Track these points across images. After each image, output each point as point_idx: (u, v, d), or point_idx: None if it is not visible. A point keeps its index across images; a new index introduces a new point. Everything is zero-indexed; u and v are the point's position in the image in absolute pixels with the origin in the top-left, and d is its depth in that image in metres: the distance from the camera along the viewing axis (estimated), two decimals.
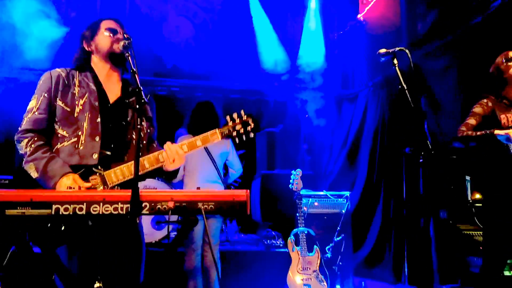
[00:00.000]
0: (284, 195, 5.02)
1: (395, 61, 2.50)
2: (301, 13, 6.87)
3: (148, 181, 4.67)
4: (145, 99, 1.90)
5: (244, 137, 2.20)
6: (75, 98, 2.13)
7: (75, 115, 2.10)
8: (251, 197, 5.70)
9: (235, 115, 2.21)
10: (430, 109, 4.63)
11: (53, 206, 1.67)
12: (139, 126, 1.83)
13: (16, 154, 2.18)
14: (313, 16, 6.77)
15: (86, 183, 1.98)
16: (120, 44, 2.12)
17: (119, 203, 1.71)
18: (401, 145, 4.80)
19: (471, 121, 3.07)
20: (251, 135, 2.21)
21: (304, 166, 6.66)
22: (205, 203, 1.76)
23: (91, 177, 2.00)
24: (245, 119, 2.21)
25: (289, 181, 4.15)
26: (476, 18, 4.21)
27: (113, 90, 2.25)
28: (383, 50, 2.54)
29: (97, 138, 2.09)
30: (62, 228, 1.77)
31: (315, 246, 4.00)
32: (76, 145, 2.06)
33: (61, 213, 1.67)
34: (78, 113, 2.11)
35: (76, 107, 2.11)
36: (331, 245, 4.43)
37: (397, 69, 2.48)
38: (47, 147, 2.06)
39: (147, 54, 6.23)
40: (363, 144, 5.90)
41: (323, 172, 6.60)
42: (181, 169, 3.75)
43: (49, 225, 1.72)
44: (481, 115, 3.07)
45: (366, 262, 5.31)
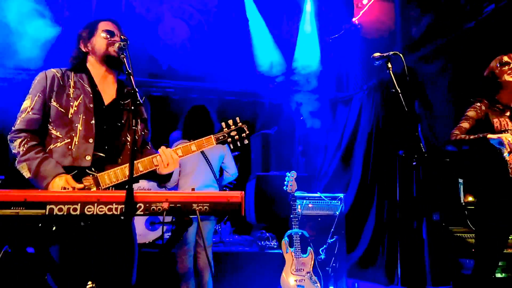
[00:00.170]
0: (278, 196, 5.04)
1: (389, 64, 2.52)
2: (297, 15, 6.89)
3: (142, 182, 4.65)
4: (141, 101, 1.91)
5: (239, 143, 2.22)
6: (69, 99, 2.12)
7: (69, 116, 2.10)
8: (246, 198, 5.68)
9: (230, 121, 2.22)
10: (423, 112, 4.66)
11: (47, 206, 1.67)
12: (134, 127, 1.82)
13: (9, 153, 2.16)
14: (308, 19, 6.79)
15: (79, 184, 1.97)
16: (116, 46, 2.12)
17: (114, 204, 1.71)
18: (395, 147, 4.82)
19: (465, 124, 3.07)
20: (246, 141, 2.23)
21: (298, 168, 6.68)
22: (199, 204, 1.76)
23: (84, 179, 2.00)
24: (240, 125, 2.22)
25: (284, 182, 4.17)
26: (470, 22, 4.25)
27: (108, 91, 2.24)
28: (377, 54, 2.56)
29: (91, 140, 2.09)
30: (54, 228, 1.76)
31: (309, 248, 4.02)
32: (70, 146, 2.06)
33: (55, 214, 1.67)
34: (73, 114, 2.10)
35: (71, 108, 2.11)
36: (324, 246, 4.45)
37: (391, 73, 2.50)
38: (40, 147, 2.05)
39: (142, 55, 6.21)
40: (357, 146, 5.92)
41: (317, 174, 6.61)
42: (176, 175, 3.74)
43: (40, 225, 1.71)
44: (475, 118, 3.07)
45: (359, 264, 5.33)
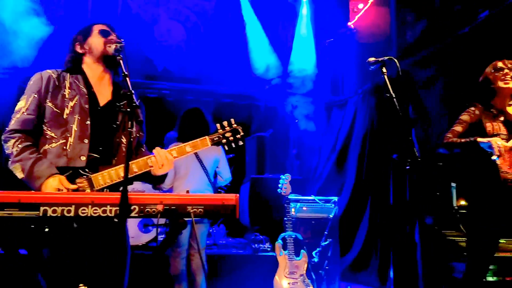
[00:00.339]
0: (272, 199, 5.04)
1: (384, 69, 2.54)
2: (293, 19, 6.92)
3: (136, 184, 4.64)
4: (137, 103, 1.91)
5: (234, 144, 2.26)
6: (65, 99, 2.12)
7: (64, 116, 2.09)
8: (240, 201, 5.68)
9: (225, 123, 2.26)
10: (417, 116, 4.69)
11: (41, 207, 1.66)
12: (129, 129, 1.83)
13: (2, 154, 2.15)
14: (304, 23, 6.82)
15: (73, 185, 1.97)
16: (112, 46, 2.12)
17: (108, 206, 1.71)
18: (389, 151, 4.85)
19: (458, 128, 3.10)
20: (240, 143, 2.27)
21: (293, 170, 6.68)
22: (194, 207, 1.77)
23: (77, 180, 1.99)
24: (235, 127, 2.27)
25: (278, 185, 4.17)
26: (464, 28, 4.29)
27: (103, 93, 2.25)
28: (372, 59, 2.58)
29: (86, 141, 2.09)
30: (46, 230, 1.75)
31: (302, 251, 4.02)
32: (64, 147, 2.05)
33: (49, 215, 1.66)
34: (68, 115, 2.10)
35: (66, 108, 2.10)
36: (318, 249, 4.45)
37: (385, 77, 2.51)
38: (34, 148, 2.05)
39: (138, 56, 6.20)
40: (351, 150, 5.94)
41: (311, 177, 6.63)
42: (171, 177, 3.74)
43: (32, 226, 1.70)
44: (468, 122, 3.10)
45: (352, 267, 5.35)
